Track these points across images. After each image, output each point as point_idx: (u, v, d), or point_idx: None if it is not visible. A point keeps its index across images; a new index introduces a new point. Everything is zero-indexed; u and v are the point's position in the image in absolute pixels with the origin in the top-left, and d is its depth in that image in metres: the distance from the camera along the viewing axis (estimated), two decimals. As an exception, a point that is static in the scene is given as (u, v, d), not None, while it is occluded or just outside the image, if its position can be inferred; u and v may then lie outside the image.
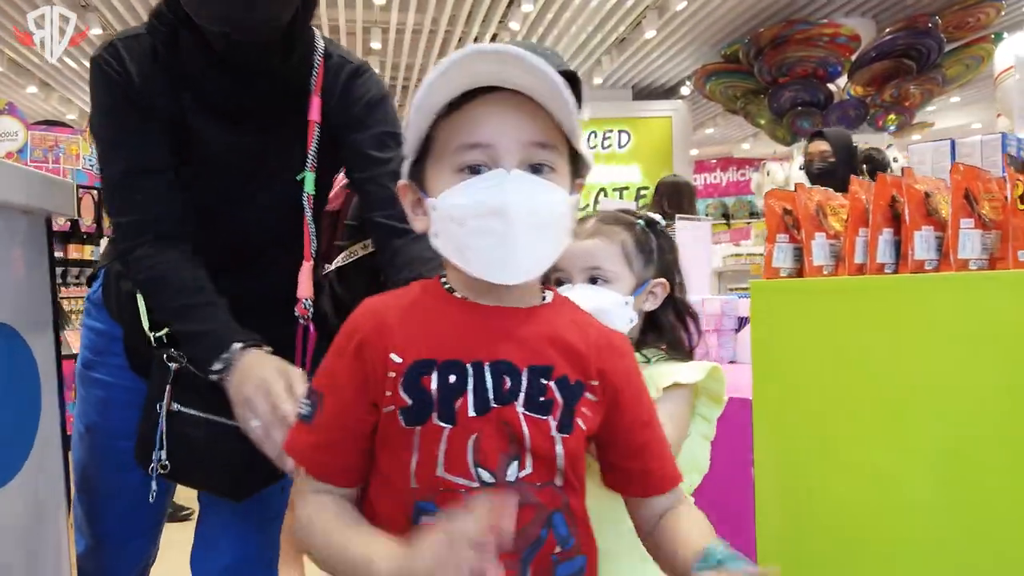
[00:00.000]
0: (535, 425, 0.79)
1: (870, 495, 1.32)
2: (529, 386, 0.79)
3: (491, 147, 0.77)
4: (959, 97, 10.72)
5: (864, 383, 1.34)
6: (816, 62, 7.53)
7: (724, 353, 2.41)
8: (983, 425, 1.17)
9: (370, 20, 7.59)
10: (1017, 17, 7.95)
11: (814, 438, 1.43)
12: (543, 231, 0.79)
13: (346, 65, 1.24)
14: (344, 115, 1.22)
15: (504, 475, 0.77)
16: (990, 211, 1.30)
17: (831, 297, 1.42)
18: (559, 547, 0.79)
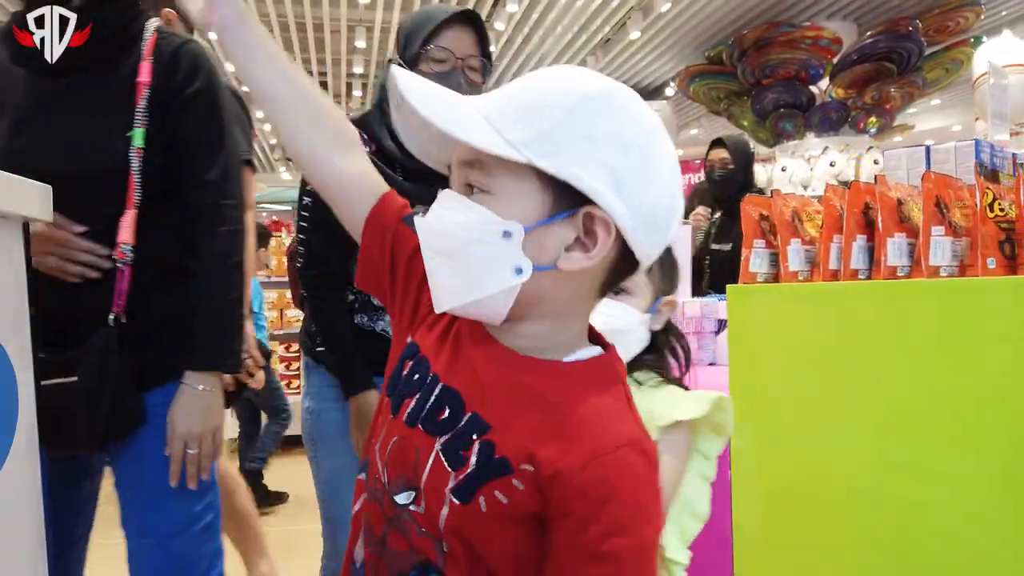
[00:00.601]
0: (436, 472, 0.71)
1: (845, 495, 1.34)
2: (457, 432, 0.71)
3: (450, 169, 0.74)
4: (939, 100, 10.84)
5: (839, 386, 1.36)
6: (798, 64, 7.58)
7: (704, 355, 2.43)
8: (953, 427, 1.19)
9: (355, 19, 7.56)
10: (996, 21, 8.05)
11: (790, 440, 1.45)
12: (444, 258, 0.71)
13: (176, 42, 1.39)
14: (168, 83, 1.36)
15: (396, 494, 0.74)
16: (961, 219, 1.33)
17: (806, 302, 1.44)
18: None
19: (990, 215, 1.26)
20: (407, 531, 0.72)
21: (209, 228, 1.39)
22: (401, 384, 0.78)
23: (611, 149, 0.67)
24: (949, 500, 1.19)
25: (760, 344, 1.51)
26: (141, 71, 1.34)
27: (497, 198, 0.68)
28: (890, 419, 1.28)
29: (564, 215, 0.68)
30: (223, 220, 1.39)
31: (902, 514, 1.25)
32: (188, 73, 1.37)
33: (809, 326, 1.43)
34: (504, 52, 8.61)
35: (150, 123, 1.34)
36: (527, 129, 0.67)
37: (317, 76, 9.32)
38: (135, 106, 1.33)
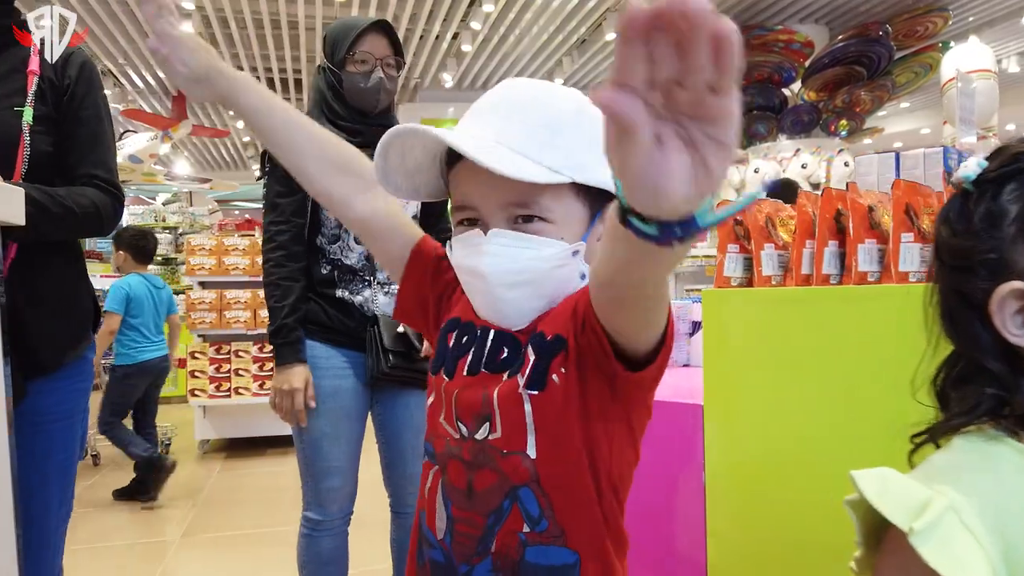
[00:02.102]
0: (508, 388, 0.79)
1: (817, 497, 1.36)
2: (510, 351, 0.81)
3: (477, 209, 0.80)
4: (908, 103, 11.04)
5: (811, 390, 1.38)
6: (772, 67, 7.67)
7: (678, 356, 2.45)
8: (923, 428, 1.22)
9: (330, 16, 7.50)
10: (964, 27, 8.20)
11: (762, 442, 1.47)
12: (525, 288, 0.79)
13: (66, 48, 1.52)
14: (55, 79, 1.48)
15: (474, 434, 0.81)
16: (930, 225, 1.35)
17: (779, 306, 1.46)
18: (527, 526, 0.77)
19: (957, 222, 1.29)
20: (492, 461, 0.79)
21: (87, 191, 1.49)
22: (450, 352, 0.86)
23: None
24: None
25: (734, 347, 1.53)
26: (31, 63, 1.46)
27: (556, 225, 0.78)
28: (861, 422, 1.30)
29: (598, 216, 0.80)
30: (107, 198, 1.51)
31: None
32: (75, 75, 1.50)
33: (782, 330, 1.44)
34: (480, 51, 8.60)
35: (37, 109, 1.45)
36: (556, 151, 0.75)
37: (292, 74, 9.26)
38: (27, 90, 1.44)
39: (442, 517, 0.82)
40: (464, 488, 0.80)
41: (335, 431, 1.89)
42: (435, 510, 0.83)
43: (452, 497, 0.82)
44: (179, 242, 7.74)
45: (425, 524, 0.85)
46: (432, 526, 0.83)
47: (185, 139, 11.52)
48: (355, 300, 1.91)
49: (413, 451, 1.99)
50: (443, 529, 0.82)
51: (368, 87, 1.86)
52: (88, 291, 1.60)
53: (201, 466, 4.89)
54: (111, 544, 3.40)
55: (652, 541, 1.73)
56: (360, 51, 1.85)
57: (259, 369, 4.97)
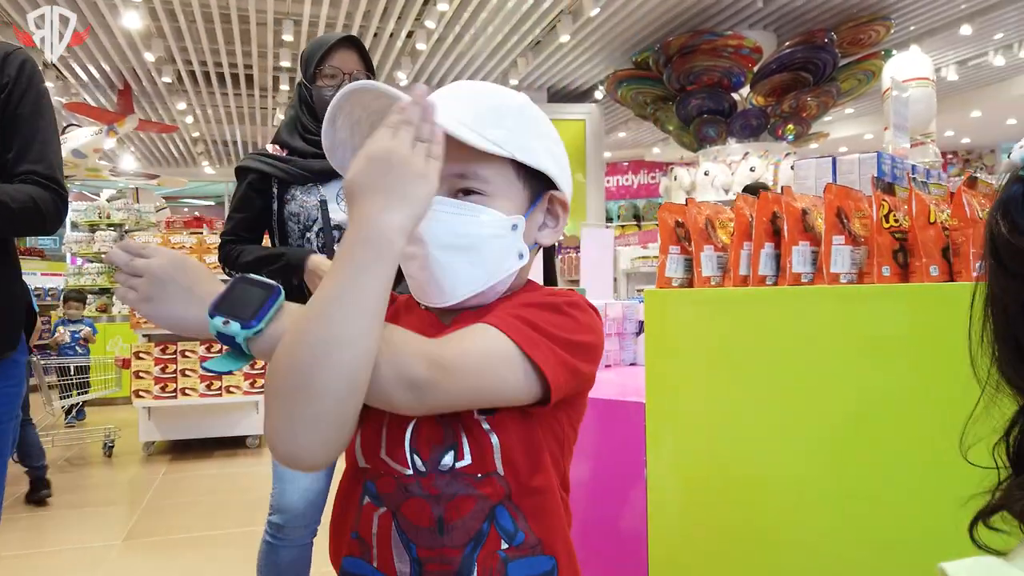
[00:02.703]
0: (466, 415, 0.78)
1: (754, 489, 1.40)
2: None
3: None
4: (852, 109, 11.36)
5: (748, 386, 1.42)
6: (721, 72, 7.82)
7: (625, 356, 2.49)
8: (854, 424, 1.27)
9: (282, 12, 7.41)
10: (906, 36, 8.48)
11: (701, 437, 1.51)
12: (462, 254, 0.79)
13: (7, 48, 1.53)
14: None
15: (436, 465, 0.78)
16: (860, 228, 1.40)
17: (718, 306, 1.50)
18: (505, 543, 0.78)
19: (885, 226, 1.34)
20: (468, 488, 0.78)
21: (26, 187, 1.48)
22: None
23: (551, 144, 0.85)
24: (853, 492, 1.26)
25: (675, 346, 1.56)
26: None
27: (493, 198, 0.81)
28: (796, 417, 1.34)
29: (538, 201, 0.85)
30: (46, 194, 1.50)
31: (809, 504, 1.32)
32: (14, 74, 1.51)
33: (720, 329, 1.48)
34: (435, 50, 8.58)
35: None
36: (499, 129, 0.79)
37: (243, 69, 9.11)
38: None
39: (404, 560, 0.78)
40: (432, 525, 0.77)
41: None
42: (390, 554, 0.79)
43: (416, 538, 0.78)
44: (124, 240, 7.54)
45: (377, 571, 0.80)
46: (389, 571, 0.79)
47: (131, 134, 11.25)
48: None
49: None
50: (407, 573, 0.78)
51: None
52: (21, 293, 1.57)
53: (145, 468, 4.78)
54: (45, 550, 3.31)
55: (597, 532, 1.76)
56: (329, 65, 1.91)
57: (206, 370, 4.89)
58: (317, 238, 1.92)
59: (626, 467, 1.74)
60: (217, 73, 9.28)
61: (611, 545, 1.77)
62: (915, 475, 1.18)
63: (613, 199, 13.66)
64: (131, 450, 5.21)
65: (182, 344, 4.90)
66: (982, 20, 8.12)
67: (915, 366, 1.20)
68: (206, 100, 10.42)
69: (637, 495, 1.69)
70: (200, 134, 12.46)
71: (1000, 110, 12.11)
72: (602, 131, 10.30)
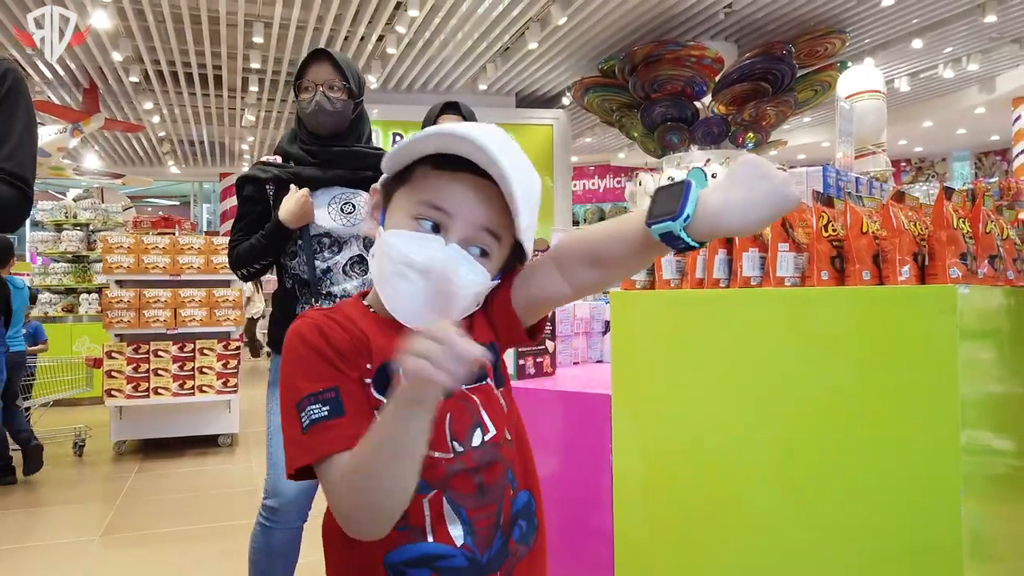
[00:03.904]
0: (481, 392, 0.95)
1: (711, 471, 1.54)
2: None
3: (449, 216, 0.88)
4: (810, 118, 11.69)
5: (705, 379, 1.56)
6: (684, 81, 8.03)
7: (592, 354, 2.64)
8: (799, 411, 1.40)
9: (252, 14, 7.45)
10: (860, 48, 8.80)
11: (663, 428, 1.64)
12: (453, 301, 0.87)
13: None
14: None
15: (470, 443, 0.92)
16: (803, 236, 1.56)
17: (677, 307, 1.64)
18: (510, 490, 0.96)
19: (824, 235, 1.50)
20: (497, 455, 0.94)
21: None
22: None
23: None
24: (801, 480, 1.41)
25: (638, 344, 1.70)
26: None
27: (492, 260, 0.91)
28: (748, 409, 1.48)
29: (510, 271, 0.96)
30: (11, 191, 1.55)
31: (759, 490, 1.47)
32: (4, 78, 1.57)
33: (680, 327, 1.62)
34: (405, 55, 8.67)
35: None
36: (531, 216, 0.89)
37: (212, 70, 9.10)
38: None
39: (456, 524, 0.90)
40: (474, 491, 0.91)
41: None
42: (444, 526, 0.90)
43: (464, 503, 0.91)
44: (91, 240, 7.50)
45: (434, 543, 0.90)
46: (447, 540, 0.90)
47: (96, 133, 11.13)
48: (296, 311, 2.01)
49: None
50: (460, 535, 0.90)
51: (309, 111, 2.02)
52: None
53: (118, 467, 4.81)
54: (24, 545, 3.36)
55: (563, 519, 1.90)
56: (305, 80, 2.03)
57: (179, 369, 4.93)
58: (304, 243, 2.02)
59: (593, 455, 1.87)
60: (185, 73, 9.26)
61: (577, 528, 1.90)
62: (854, 460, 1.31)
63: (579, 203, 13.86)
64: (101, 449, 5.22)
65: (154, 344, 4.93)
66: (932, 35, 8.47)
67: (850, 360, 1.35)
68: (173, 100, 10.36)
69: (603, 481, 1.82)
70: (166, 133, 12.36)
71: (950, 120, 12.57)
72: (569, 136, 10.49)
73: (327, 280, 2.02)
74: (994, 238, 1.55)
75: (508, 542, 0.95)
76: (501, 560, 0.93)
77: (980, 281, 1.44)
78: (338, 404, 0.85)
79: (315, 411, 0.84)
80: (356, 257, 2.05)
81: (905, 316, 1.29)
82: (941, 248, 1.40)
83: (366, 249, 2.06)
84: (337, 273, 2.03)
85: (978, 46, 9.19)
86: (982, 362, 1.38)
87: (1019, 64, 9.93)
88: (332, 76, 2.02)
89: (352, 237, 2.05)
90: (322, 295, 2.01)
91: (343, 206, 2.05)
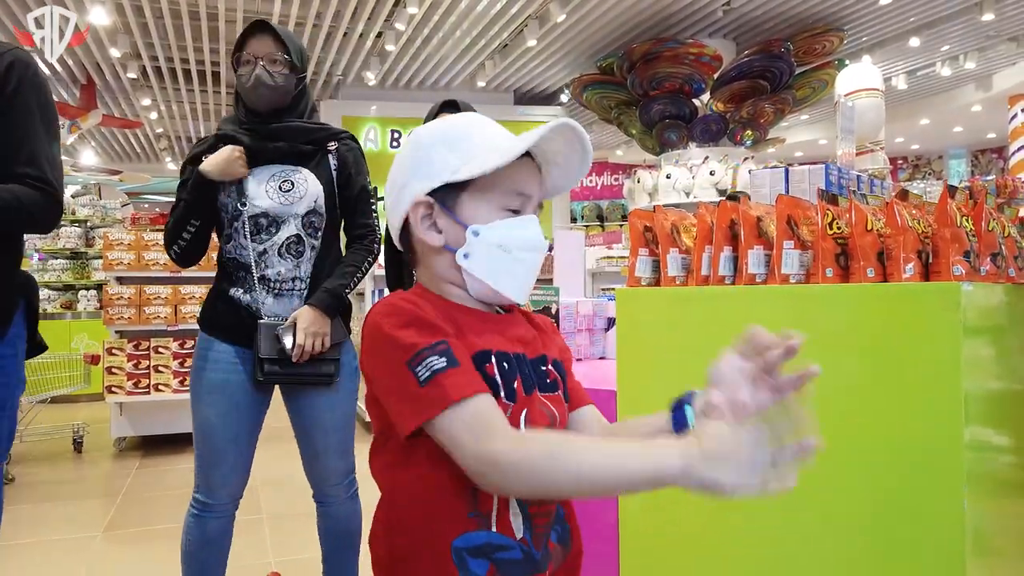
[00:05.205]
0: (556, 401, 1.00)
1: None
2: (538, 372, 1.00)
3: (530, 199, 0.99)
4: (808, 116, 11.72)
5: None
6: (683, 78, 8.05)
7: (595, 350, 2.65)
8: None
9: (252, 10, 7.43)
10: (858, 46, 8.82)
11: (667, 423, 1.66)
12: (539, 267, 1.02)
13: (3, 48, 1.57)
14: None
15: None
16: (807, 234, 1.58)
17: (682, 304, 1.65)
18: None
19: (829, 232, 1.51)
20: None
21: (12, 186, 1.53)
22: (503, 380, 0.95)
23: None
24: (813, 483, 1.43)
25: (643, 340, 1.72)
26: None
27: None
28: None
29: None
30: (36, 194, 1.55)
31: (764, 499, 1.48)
32: (8, 75, 1.54)
33: (685, 324, 1.64)
34: (404, 52, 8.67)
35: None
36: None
37: (210, 67, 9.08)
38: None
39: (517, 516, 0.94)
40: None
41: (223, 422, 1.98)
42: (507, 517, 0.94)
43: (527, 499, 0.95)
44: (90, 236, 7.49)
45: (497, 534, 0.93)
46: (508, 532, 0.93)
47: (93, 129, 11.11)
48: (243, 299, 1.99)
49: (325, 448, 2.06)
50: (520, 528, 0.94)
51: (248, 85, 1.95)
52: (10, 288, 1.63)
53: (118, 463, 4.82)
54: (25, 542, 3.37)
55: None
56: (245, 53, 1.96)
57: (180, 365, 4.93)
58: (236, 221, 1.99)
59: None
60: (183, 70, 9.24)
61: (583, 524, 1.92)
62: (857, 456, 1.32)
63: (578, 200, 13.87)
64: (101, 446, 5.23)
65: (155, 340, 4.94)
66: (929, 33, 8.49)
67: (854, 357, 1.36)
68: (171, 96, 10.34)
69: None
70: (164, 130, 12.34)
71: (947, 118, 12.60)
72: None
73: (262, 262, 1.98)
74: (996, 236, 1.56)
75: (548, 542, 0.98)
76: (547, 560, 0.96)
77: (983, 278, 1.46)
78: (451, 355, 0.87)
79: (435, 361, 0.86)
80: (293, 237, 1.99)
81: (909, 313, 1.31)
82: (945, 245, 1.42)
83: (304, 229, 2.01)
84: (272, 255, 1.98)
85: (975, 44, 9.22)
86: (985, 359, 1.39)
87: (1016, 62, 9.96)
88: (273, 49, 1.96)
89: (291, 216, 1.98)
90: (256, 279, 1.97)
91: (281, 184, 1.99)
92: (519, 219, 0.97)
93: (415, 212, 0.98)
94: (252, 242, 1.96)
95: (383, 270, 3.06)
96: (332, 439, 2.06)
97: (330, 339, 1.98)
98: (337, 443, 2.07)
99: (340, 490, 2.11)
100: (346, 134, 2.13)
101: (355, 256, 2.08)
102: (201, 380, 2.00)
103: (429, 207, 0.98)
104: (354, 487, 2.16)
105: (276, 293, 1.99)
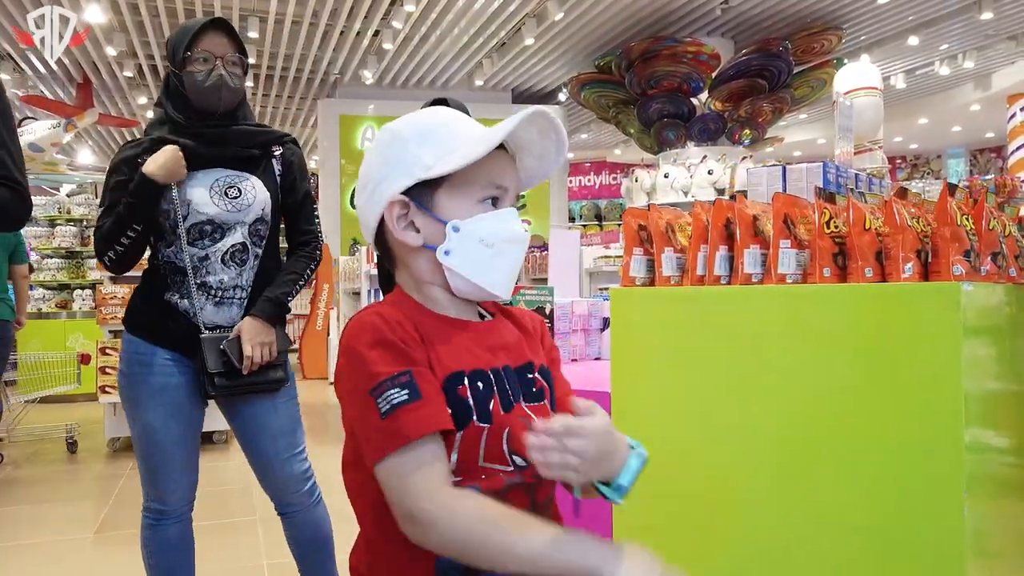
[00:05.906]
0: (540, 411, 0.97)
1: (710, 469, 1.53)
2: (523, 381, 0.97)
3: (507, 190, 0.97)
4: (806, 115, 11.71)
5: (704, 376, 1.55)
6: (681, 77, 8.03)
7: (590, 351, 2.63)
8: (799, 409, 1.40)
9: (247, 8, 7.41)
10: (856, 45, 8.80)
11: (662, 425, 1.64)
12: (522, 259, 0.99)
13: None
14: None
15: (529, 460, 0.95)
16: (804, 233, 1.55)
17: (677, 304, 1.63)
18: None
19: (826, 231, 1.49)
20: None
21: None
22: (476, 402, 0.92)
23: None
24: (801, 477, 1.40)
25: (638, 340, 1.69)
26: None
27: None
28: (748, 406, 1.48)
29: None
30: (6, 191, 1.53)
31: (758, 487, 1.46)
32: None
33: (680, 324, 1.61)
34: (401, 50, 8.64)
35: None
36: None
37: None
38: None
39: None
40: (528, 507, 0.93)
41: (165, 426, 1.91)
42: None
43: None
44: (85, 235, 7.46)
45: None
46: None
47: (90, 128, 11.07)
48: (180, 304, 1.91)
49: (276, 455, 1.99)
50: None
51: (208, 85, 1.85)
52: None
53: (111, 464, 4.78)
54: (17, 543, 3.34)
55: (563, 517, 1.88)
56: (199, 49, 1.84)
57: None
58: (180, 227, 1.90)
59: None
60: (179, 68, 9.20)
61: (577, 524, 1.89)
62: (856, 457, 1.31)
63: (576, 199, 13.85)
64: (94, 446, 5.20)
65: (149, 340, 4.90)
66: (928, 32, 8.48)
67: (852, 358, 1.34)
68: (167, 95, 10.30)
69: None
70: (160, 129, 12.30)
71: (946, 117, 12.60)
72: (565, 132, 10.46)
73: (203, 269, 1.90)
74: (997, 235, 1.54)
75: None
76: None
77: (983, 278, 1.43)
78: (414, 387, 0.85)
79: (394, 395, 0.84)
80: (238, 245, 1.92)
81: (908, 313, 1.28)
82: (944, 245, 1.39)
83: (250, 237, 1.93)
84: (215, 262, 1.90)
85: (974, 43, 9.20)
86: (985, 359, 1.37)
87: (1015, 61, 9.95)
88: (230, 50, 1.87)
89: (237, 224, 1.91)
90: (196, 285, 1.90)
91: (227, 190, 1.90)
92: (499, 212, 0.95)
93: (390, 212, 0.95)
94: (193, 247, 1.89)
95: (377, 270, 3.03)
96: (281, 443, 1.99)
97: (276, 347, 1.94)
98: (286, 447, 2.00)
99: (302, 497, 2.03)
100: (289, 138, 2.06)
101: (297, 263, 2.02)
102: (142, 386, 1.91)
103: (405, 206, 0.95)
104: (317, 492, 2.07)
105: (217, 301, 1.92)
